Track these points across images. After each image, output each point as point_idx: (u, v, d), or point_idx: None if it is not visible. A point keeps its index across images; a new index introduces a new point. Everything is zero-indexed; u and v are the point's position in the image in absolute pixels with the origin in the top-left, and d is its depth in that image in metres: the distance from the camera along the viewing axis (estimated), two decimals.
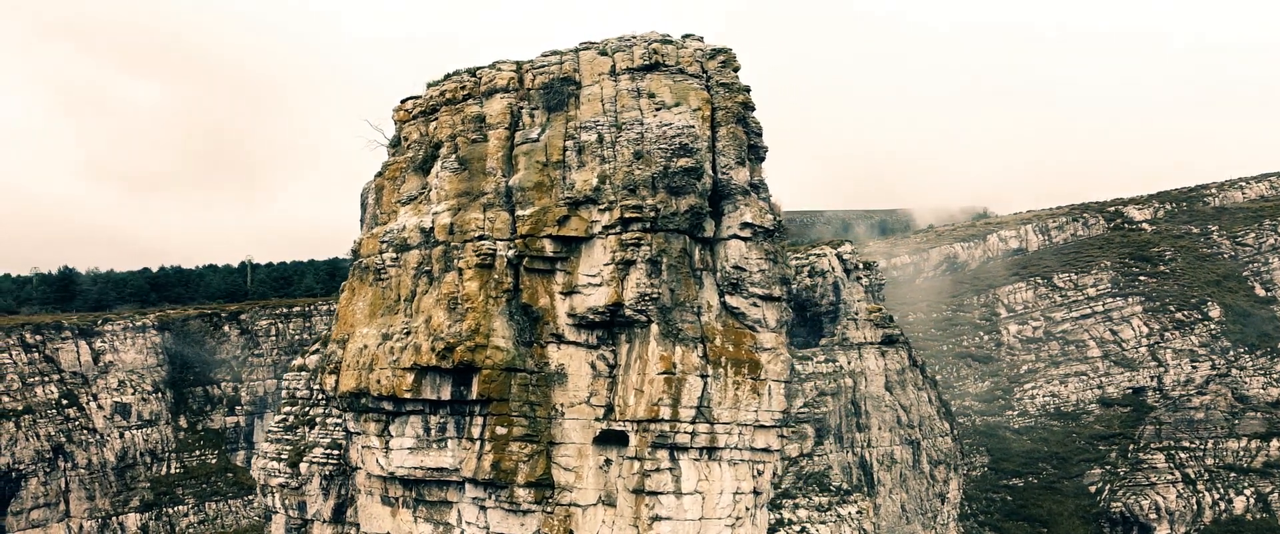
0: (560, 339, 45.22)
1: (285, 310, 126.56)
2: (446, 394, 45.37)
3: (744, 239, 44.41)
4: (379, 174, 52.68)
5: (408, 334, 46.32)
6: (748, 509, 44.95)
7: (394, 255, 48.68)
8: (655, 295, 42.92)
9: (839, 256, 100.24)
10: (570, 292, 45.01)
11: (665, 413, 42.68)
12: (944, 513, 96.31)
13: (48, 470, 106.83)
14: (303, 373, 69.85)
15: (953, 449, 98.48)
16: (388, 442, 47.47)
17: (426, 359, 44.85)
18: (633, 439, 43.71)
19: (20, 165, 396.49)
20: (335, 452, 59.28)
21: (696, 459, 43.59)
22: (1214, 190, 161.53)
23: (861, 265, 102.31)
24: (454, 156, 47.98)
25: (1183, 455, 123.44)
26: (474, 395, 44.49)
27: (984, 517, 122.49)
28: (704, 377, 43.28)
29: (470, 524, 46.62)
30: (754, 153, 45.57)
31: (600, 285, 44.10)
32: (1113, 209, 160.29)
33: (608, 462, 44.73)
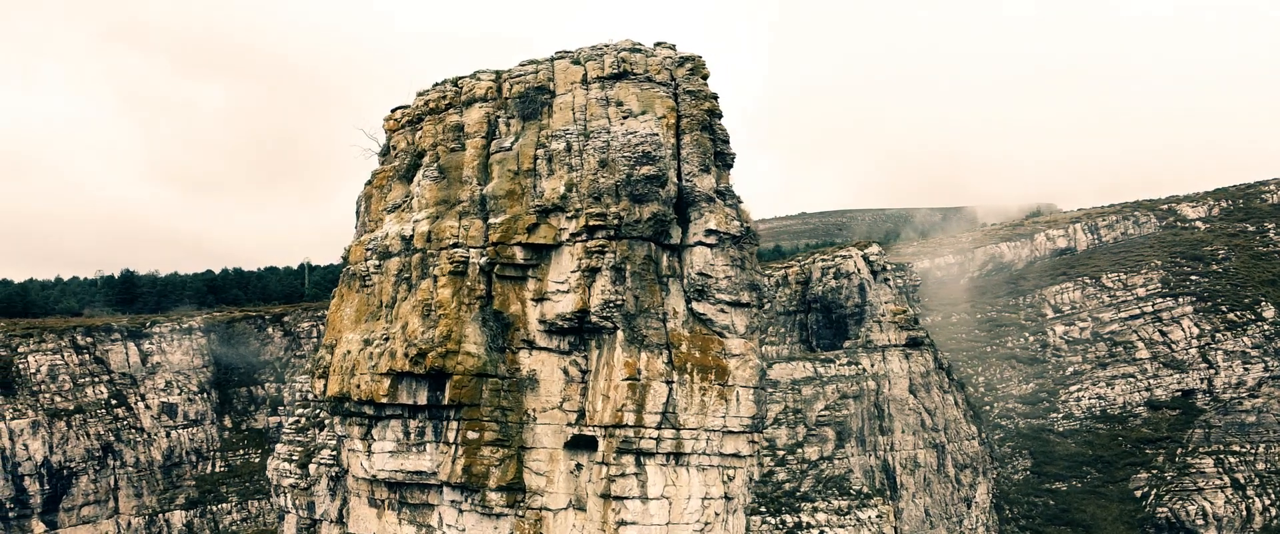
0: (532, 345, 45.83)
1: (327, 312, 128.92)
2: (422, 399, 46.24)
3: (709, 246, 44.55)
4: (368, 182, 53.80)
5: (386, 340, 47.31)
6: (717, 515, 45.10)
7: (377, 262, 49.73)
8: (619, 302, 43.30)
9: (865, 258, 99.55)
10: (541, 298, 45.59)
11: (629, 419, 43.03)
12: (971, 517, 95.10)
13: (98, 468, 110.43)
14: None
15: (980, 452, 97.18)
16: (370, 445, 48.53)
17: (401, 365, 45.79)
18: (601, 444, 44.13)
19: (86, 168, 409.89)
20: (339, 453, 60.72)
21: (663, 465, 43.85)
22: (1272, 187, 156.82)
23: (888, 266, 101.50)
24: (435, 165, 48.89)
25: (1232, 460, 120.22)
26: (446, 400, 45.30)
27: (1025, 521, 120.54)
28: (669, 383, 43.51)
29: (450, 527, 47.44)
30: (721, 160, 45.69)
31: (568, 292, 44.61)
32: (1165, 207, 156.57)
33: (578, 466, 45.22)
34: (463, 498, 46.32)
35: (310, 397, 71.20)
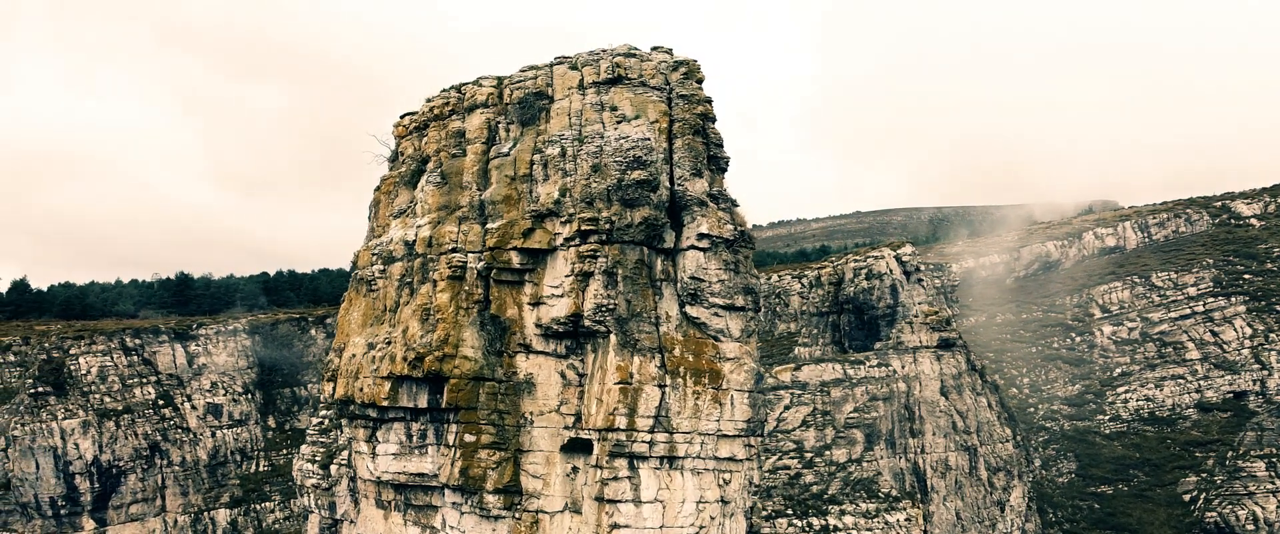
0: (528, 349, 46.16)
1: None
2: (423, 402, 46.82)
3: (702, 250, 44.49)
4: (377, 188, 54.53)
5: (388, 344, 47.97)
6: (713, 518, 45.04)
7: (382, 267, 50.44)
8: (612, 306, 43.45)
9: (898, 258, 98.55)
10: (537, 302, 45.90)
11: (621, 422, 43.17)
12: (1006, 521, 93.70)
13: (145, 467, 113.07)
14: None
15: (1015, 455, 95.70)
16: (374, 447, 49.23)
17: (401, 369, 46.40)
18: (595, 447, 44.33)
19: (148, 172, 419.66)
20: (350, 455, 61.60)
21: (656, 468, 43.91)
22: None
23: (924, 267, 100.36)
24: (438, 171, 49.45)
25: None
26: (444, 404, 45.80)
27: (1069, 524, 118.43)
28: (662, 386, 43.57)
29: (453, 529, 47.96)
30: (714, 163, 45.61)
31: (562, 296, 44.87)
32: (1219, 204, 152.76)
33: (575, 469, 45.46)
34: (463, 500, 46.81)
35: (323, 399, 72.44)
